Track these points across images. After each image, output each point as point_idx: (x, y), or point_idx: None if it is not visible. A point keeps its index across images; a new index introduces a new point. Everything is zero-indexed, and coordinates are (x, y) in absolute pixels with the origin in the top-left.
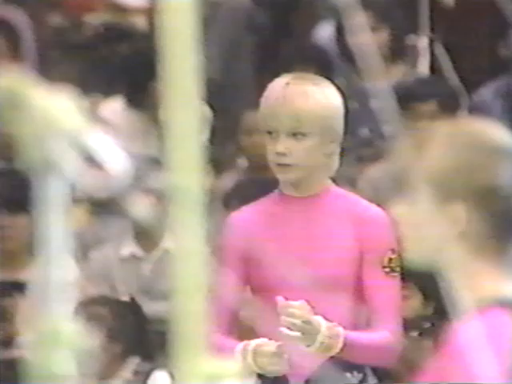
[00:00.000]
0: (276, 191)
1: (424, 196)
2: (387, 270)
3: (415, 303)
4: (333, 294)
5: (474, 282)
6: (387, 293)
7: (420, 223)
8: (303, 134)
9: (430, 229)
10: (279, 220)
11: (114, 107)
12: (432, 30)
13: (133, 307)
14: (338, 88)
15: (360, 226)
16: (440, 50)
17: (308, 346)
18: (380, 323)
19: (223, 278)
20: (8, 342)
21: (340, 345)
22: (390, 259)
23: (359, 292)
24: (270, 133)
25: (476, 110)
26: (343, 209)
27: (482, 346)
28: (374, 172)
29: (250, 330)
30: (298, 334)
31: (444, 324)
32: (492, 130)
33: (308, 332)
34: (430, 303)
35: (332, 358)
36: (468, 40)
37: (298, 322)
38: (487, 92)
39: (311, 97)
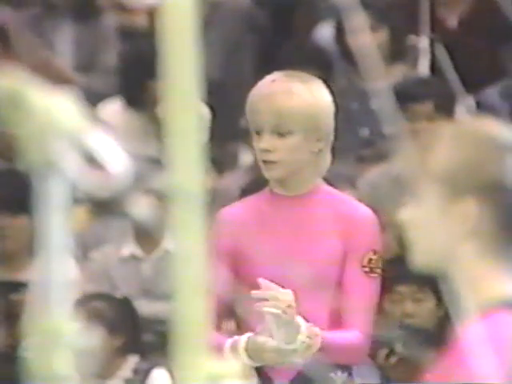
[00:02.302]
0: (266, 189)
1: (431, 196)
2: (366, 269)
3: (429, 306)
4: (318, 291)
5: (481, 283)
6: (362, 292)
7: (428, 225)
8: (287, 132)
9: (439, 229)
10: (267, 218)
11: (113, 108)
12: (432, 30)
13: (126, 303)
14: (337, 88)
15: (345, 225)
16: (440, 51)
17: (289, 344)
18: (351, 321)
19: (215, 273)
20: (9, 341)
21: (318, 345)
22: (370, 259)
23: (340, 291)
24: (256, 130)
25: (483, 111)
26: (330, 208)
27: (488, 348)
28: (374, 173)
29: (242, 322)
30: (279, 311)
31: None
32: (496, 127)
33: (289, 327)
34: (443, 306)
35: (316, 357)
36: (469, 41)
37: (282, 306)
38: (494, 93)
39: (295, 94)
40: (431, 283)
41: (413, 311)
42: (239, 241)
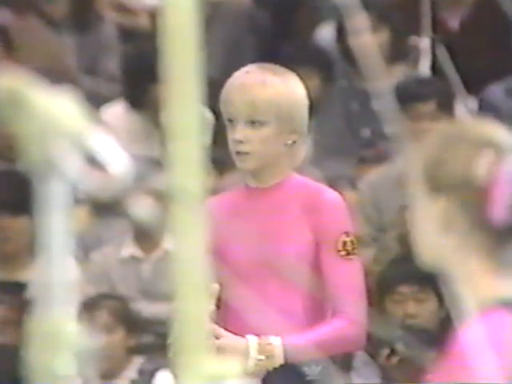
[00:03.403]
0: (242, 183)
1: (419, 195)
2: (343, 253)
3: (431, 306)
4: (293, 281)
5: (475, 282)
6: (345, 276)
7: (420, 224)
8: (260, 122)
9: (428, 228)
10: (241, 210)
11: (116, 111)
12: (434, 31)
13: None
14: (337, 88)
15: (312, 212)
16: (442, 51)
17: (244, 367)
18: (340, 309)
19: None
20: (11, 342)
21: (279, 359)
22: (345, 242)
23: (320, 278)
24: (229, 121)
25: (486, 109)
26: (299, 197)
27: (486, 347)
28: (375, 174)
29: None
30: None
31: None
32: (485, 127)
33: (236, 354)
34: (445, 306)
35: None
36: (470, 42)
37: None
38: (497, 91)
39: (269, 85)
40: (433, 283)
41: (415, 312)
42: (214, 233)
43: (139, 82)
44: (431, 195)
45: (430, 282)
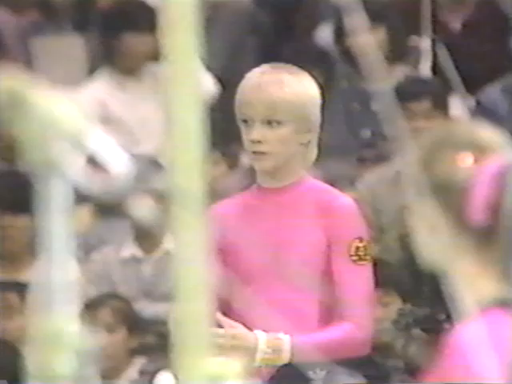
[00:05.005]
0: (254, 185)
1: (414, 195)
2: (354, 258)
3: (395, 308)
4: (303, 283)
5: (471, 282)
6: (354, 281)
7: (416, 225)
8: (278, 122)
9: (422, 229)
10: (253, 211)
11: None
12: (435, 31)
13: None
14: (338, 89)
15: (326, 216)
16: (442, 51)
17: (249, 362)
18: (348, 313)
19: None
20: (10, 341)
21: (287, 354)
22: (358, 247)
23: (330, 282)
24: (245, 121)
25: (483, 108)
26: (313, 199)
27: (483, 346)
28: (374, 174)
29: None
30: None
31: (425, 327)
32: (472, 128)
33: (243, 348)
34: (408, 307)
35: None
36: (471, 43)
37: (223, 340)
38: (494, 90)
39: (286, 85)
40: (396, 287)
41: (381, 315)
42: (226, 234)
43: (113, 30)
44: (421, 197)
45: (393, 285)
